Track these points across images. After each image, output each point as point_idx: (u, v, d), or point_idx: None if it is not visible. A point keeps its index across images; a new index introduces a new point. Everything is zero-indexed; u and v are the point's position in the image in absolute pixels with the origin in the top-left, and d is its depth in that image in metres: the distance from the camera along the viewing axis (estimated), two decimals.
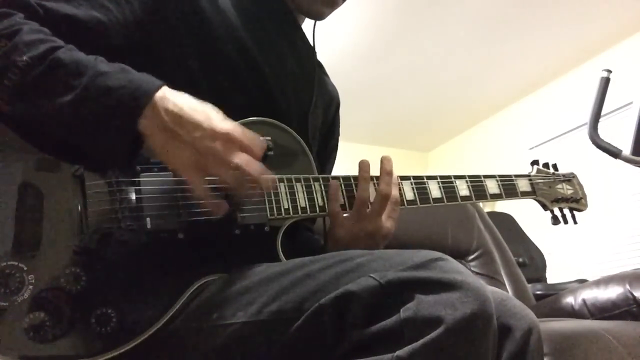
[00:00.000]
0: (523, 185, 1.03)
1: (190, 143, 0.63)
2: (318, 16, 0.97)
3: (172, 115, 0.64)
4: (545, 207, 1.07)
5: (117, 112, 0.63)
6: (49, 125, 0.66)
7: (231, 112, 0.80)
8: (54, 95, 0.63)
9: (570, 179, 1.11)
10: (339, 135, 1.12)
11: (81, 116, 0.63)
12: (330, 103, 1.07)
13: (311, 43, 1.01)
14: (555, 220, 1.07)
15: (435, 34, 3.52)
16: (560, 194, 1.07)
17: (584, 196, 1.11)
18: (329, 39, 3.44)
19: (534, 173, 1.07)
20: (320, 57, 1.05)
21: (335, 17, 1.00)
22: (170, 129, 0.64)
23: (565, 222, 1.08)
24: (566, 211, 1.09)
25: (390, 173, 0.87)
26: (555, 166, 1.11)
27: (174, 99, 0.65)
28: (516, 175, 1.03)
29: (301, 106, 0.95)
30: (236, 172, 0.64)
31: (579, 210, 1.10)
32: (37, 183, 0.66)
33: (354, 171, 0.88)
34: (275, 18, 0.94)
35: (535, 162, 1.10)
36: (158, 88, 0.65)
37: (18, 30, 0.64)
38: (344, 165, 1.10)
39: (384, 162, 0.88)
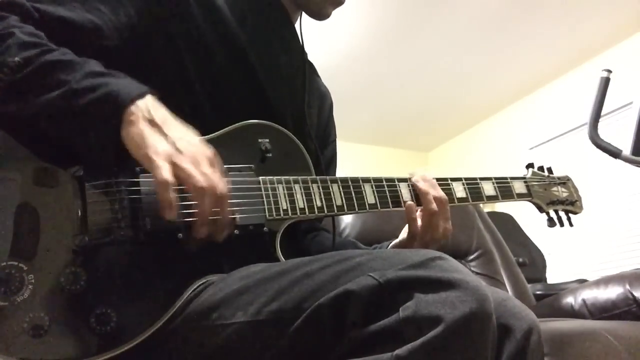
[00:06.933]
0: (519, 187, 1.03)
1: (171, 140, 0.65)
2: (325, 16, 0.97)
3: (160, 113, 0.66)
4: (541, 210, 1.07)
5: (108, 101, 0.64)
6: (39, 121, 0.66)
7: (226, 114, 0.81)
8: (45, 90, 0.65)
9: (565, 181, 1.11)
10: (335, 138, 1.11)
11: (72, 108, 0.64)
12: (323, 103, 1.06)
13: (301, 42, 1.01)
14: (550, 223, 1.07)
15: (436, 34, 3.52)
16: (555, 197, 1.07)
17: (579, 199, 1.11)
18: (330, 39, 3.44)
19: (529, 176, 1.08)
20: (320, 57, 1.05)
21: (336, 17, 1.00)
22: (156, 123, 0.65)
23: (561, 224, 1.08)
24: (562, 214, 1.09)
25: (432, 181, 0.91)
26: (550, 169, 1.11)
27: (164, 108, 0.68)
28: (512, 178, 1.03)
29: (296, 106, 0.95)
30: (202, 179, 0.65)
31: (575, 213, 1.10)
32: (36, 183, 0.66)
33: (354, 171, 0.88)
34: (269, 16, 0.94)
35: (530, 165, 1.10)
36: (150, 91, 0.67)
37: (12, 33, 0.66)
38: (345, 165, 1.10)
39: (421, 178, 0.91)
